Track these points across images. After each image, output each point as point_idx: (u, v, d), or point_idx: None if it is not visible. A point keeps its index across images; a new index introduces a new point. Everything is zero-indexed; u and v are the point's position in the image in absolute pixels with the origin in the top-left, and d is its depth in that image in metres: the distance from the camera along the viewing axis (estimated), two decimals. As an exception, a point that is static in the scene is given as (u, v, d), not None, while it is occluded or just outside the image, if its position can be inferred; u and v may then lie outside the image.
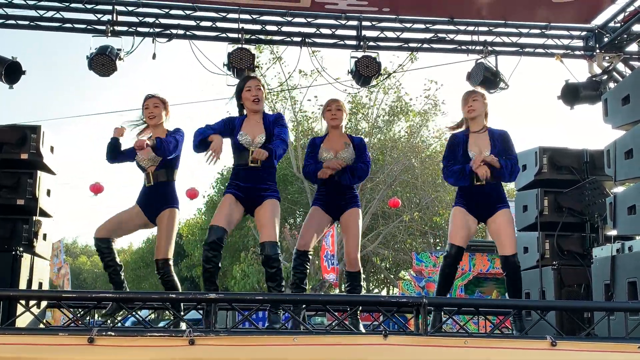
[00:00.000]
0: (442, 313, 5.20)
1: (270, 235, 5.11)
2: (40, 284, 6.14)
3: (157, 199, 5.55)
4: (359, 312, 5.66)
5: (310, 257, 5.60)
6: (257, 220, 5.30)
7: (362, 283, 5.74)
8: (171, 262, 5.54)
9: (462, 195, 5.55)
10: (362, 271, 5.77)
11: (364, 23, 8.37)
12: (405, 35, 8.56)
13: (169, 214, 5.53)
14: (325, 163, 5.55)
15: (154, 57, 8.07)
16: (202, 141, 5.21)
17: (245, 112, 5.46)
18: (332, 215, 5.67)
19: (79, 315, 5.59)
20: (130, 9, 8.15)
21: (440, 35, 8.54)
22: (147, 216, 5.56)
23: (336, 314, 5.48)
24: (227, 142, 5.35)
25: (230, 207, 5.20)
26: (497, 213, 5.43)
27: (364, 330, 5.41)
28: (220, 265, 5.16)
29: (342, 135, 5.76)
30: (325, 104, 5.84)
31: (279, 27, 8.43)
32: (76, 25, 8.16)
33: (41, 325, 5.00)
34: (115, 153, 5.64)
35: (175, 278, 5.55)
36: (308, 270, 5.66)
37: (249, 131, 5.29)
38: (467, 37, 8.52)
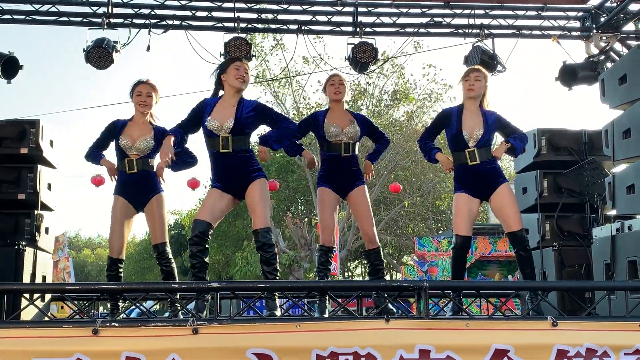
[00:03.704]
0: (461, 297, 5.20)
1: (262, 222, 5.09)
2: (44, 277, 6.18)
3: (143, 186, 5.55)
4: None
5: (334, 251, 5.63)
6: (248, 205, 5.21)
7: (382, 259, 5.76)
8: (168, 244, 5.66)
9: (460, 179, 5.50)
10: (380, 247, 5.79)
11: (360, 9, 8.35)
12: (402, 20, 8.54)
13: (158, 200, 5.58)
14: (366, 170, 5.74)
15: (148, 48, 8.06)
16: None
17: (220, 93, 5.31)
18: (339, 194, 5.66)
19: (83, 307, 5.62)
20: (126, 0, 8.13)
21: (436, 19, 8.52)
22: (133, 206, 5.56)
23: (339, 300, 5.51)
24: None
25: (213, 200, 5.14)
26: (499, 189, 5.39)
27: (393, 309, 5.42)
28: (207, 260, 5.11)
29: (345, 113, 5.75)
30: (327, 78, 5.80)
31: (275, 15, 8.40)
32: (72, 19, 8.15)
33: (45, 318, 5.03)
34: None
35: (173, 261, 5.66)
36: (331, 264, 5.71)
37: (218, 116, 5.13)
38: (464, 21, 8.50)
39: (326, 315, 5.17)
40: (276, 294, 5.08)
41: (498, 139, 5.94)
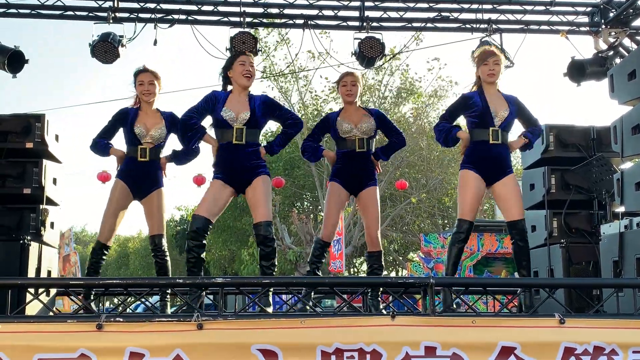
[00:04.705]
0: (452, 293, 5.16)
1: (265, 214, 5.09)
2: (49, 272, 6.17)
3: (148, 177, 5.57)
4: (379, 292, 5.64)
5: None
6: (249, 199, 5.21)
7: (382, 263, 5.72)
8: (165, 237, 5.69)
9: (472, 156, 5.41)
10: (382, 251, 5.75)
11: (367, 3, 8.29)
12: (409, 14, 8.48)
13: (159, 194, 5.60)
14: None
15: (155, 42, 8.04)
16: (191, 134, 5.24)
17: (230, 88, 5.32)
18: (350, 191, 5.63)
19: (90, 300, 5.61)
20: (131, -6, 8.11)
21: (444, 14, 8.46)
22: (132, 192, 5.56)
23: (344, 296, 5.48)
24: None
25: (215, 194, 5.14)
26: (506, 178, 5.36)
27: (384, 312, 5.40)
28: (203, 256, 5.13)
29: (358, 109, 5.72)
30: (340, 77, 5.74)
31: (281, 9, 8.37)
32: (77, 13, 8.12)
33: (50, 313, 5.02)
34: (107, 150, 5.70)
35: (168, 254, 5.69)
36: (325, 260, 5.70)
37: (233, 107, 5.16)
38: (472, 16, 8.45)
39: (307, 308, 5.14)
40: (270, 291, 5.03)
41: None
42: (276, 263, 5.13)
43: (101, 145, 5.67)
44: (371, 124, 5.61)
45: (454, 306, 5.19)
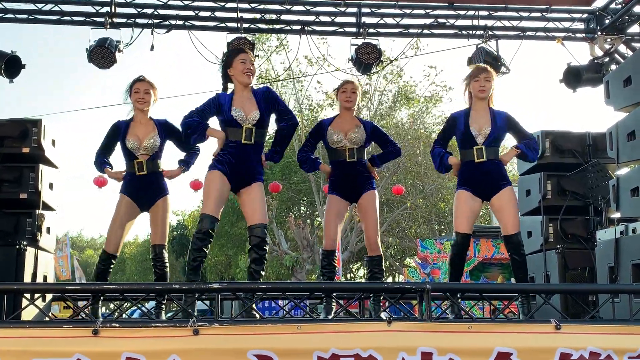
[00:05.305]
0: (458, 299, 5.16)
1: (263, 218, 5.07)
2: (45, 277, 6.17)
3: (151, 188, 5.55)
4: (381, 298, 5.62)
5: (337, 254, 5.60)
6: (245, 201, 5.16)
7: (382, 267, 5.71)
8: (166, 248, 5.67)
9: (464, 176, 5.46)
10: (382, 256, 5.74)
11: (363, 10, 8.33)
12: (405, 21, 8.52)
13: (164, 202, 5.59)
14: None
15: (152, 48, 8.06)
16: (191, 130, 5.18)
17: (230, 87, 5.30)
18: (349, 200, 5.63)
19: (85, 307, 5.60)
20: (129, 0, 8.12)
21: (440, 20, 8.50)
22: (138, 206, 5.55)
23: (341, 301, 5.48)
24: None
25: (220, 190, 5.07)
26: (502, 191, 5.38)
27: (384, 317, 5.41)
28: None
29: (353, 118, 5.72)
30: (340, 84, 5.75)
31: (278, 15, 8.39)
32: (75, 18, 8.15)
33: (46, 319, 5.01)
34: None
35: (168, 265, 5.66)
36: (336, 267, 5.66)
37: (242, 107, 5.12)
38: (468, 22, 8.48)
39: (331, 317, 5.13)
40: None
41: (507, 142, 5.92)
42: (264, 268, 5.11)
43: (99, 162, 5.69)
44: (361, 134, 5.60)
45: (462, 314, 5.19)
